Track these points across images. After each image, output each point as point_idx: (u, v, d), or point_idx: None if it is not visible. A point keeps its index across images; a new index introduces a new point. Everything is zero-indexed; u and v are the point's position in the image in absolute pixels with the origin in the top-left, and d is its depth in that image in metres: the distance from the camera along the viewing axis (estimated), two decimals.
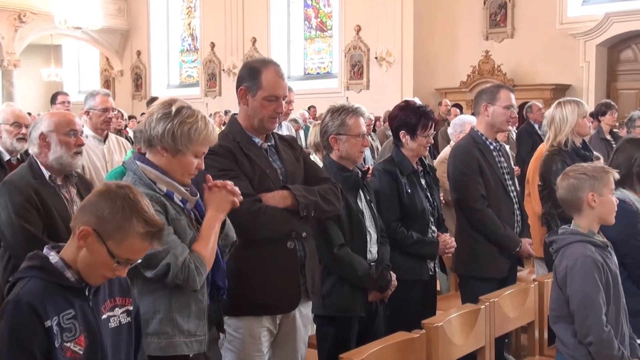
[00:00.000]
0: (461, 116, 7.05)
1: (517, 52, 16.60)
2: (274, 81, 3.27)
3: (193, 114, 2.77)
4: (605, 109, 8.57)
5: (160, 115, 2.76)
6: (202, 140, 2.77)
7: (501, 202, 4.57)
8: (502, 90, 4.64)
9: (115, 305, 2.41)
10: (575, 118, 4.92)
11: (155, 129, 2.76)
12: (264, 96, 3.26)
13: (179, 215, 2.76)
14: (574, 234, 3.30)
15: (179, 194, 2.79)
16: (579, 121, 4.93)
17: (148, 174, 2.77)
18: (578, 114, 4.94)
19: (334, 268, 3.78)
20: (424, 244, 4.26)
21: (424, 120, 4.27)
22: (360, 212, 3.87)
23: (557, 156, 4.87)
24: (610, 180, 3.31)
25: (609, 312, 3.20)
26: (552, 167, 4.84)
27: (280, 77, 3.30)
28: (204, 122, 2.77)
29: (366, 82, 19.32)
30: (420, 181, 4.39)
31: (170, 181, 2.77)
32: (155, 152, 2.79)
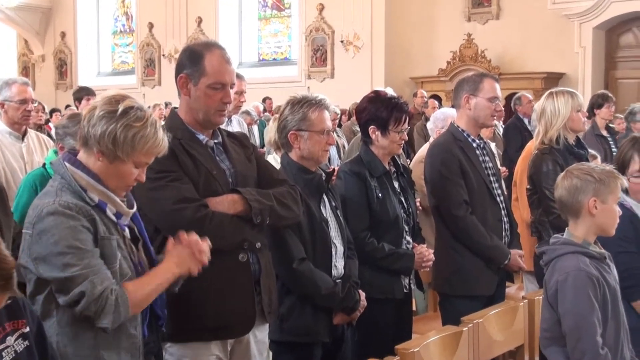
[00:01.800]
0: (443, 109, 7.09)
1: (504, 35, 16.77)
2: (219, 66, 3.26)
3: (142, 117, 2.72)
4: (602, 101, 8.69)
5: (104, 112, 2.71)
6: (147, 149, 2.73)
7: (487, 208, 4.61)
8: (487, 79, 4.69)
9: (6, 334, 2.36)
10: (568, 111, 4.98)
11: (94, 127, 2.71)
12: (208, 84, 3.25)
13: (109, 233, 2.71)
14: (566, 244, 3.34)
15: (113, 206, 2.76)
16: (572, 115, 4.98)
17: (78, 179, 2.72)
18: (572, 106, 4.99)
19: (294, 286, 3.77)
20: (397, 257, 4.28)
21: (397, 114, 4.29)
22: (324, 220, 3.87)
23: (548, 155, 4.92)
24: (617, 187, 3.36)
25: (606, 333, 3.24)
26: (542, 167, 4.89)
27: (226, 61, 3.29)
28: (153, 128, 2.73)
29: (330, 70, 19.36)
30: (393, 184, 4.40)
31: (104, 190, 2.73)
32: (90, 154, 2.75)
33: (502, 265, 4.62)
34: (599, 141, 8.32)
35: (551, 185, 4.77)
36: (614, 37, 16.37)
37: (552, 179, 4.78)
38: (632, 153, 4.08)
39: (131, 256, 2.79)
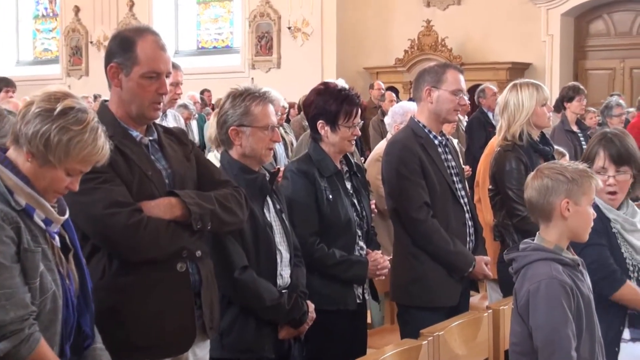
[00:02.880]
0: (402, 103, 7.12)
1: (466, 22, 16.92)
2: (153, 53, 3.23)
3: (82, 120, 2.67)
4: (573, 94, 8.80)
5: (40, 110, 2.65)
6: (82, 157, 2.68)
7: (449, 210, 4.63)
8: (450, 70, 4.71)
9: None
10: (532, 105, 5.02)
11: (27, 125, 2.65)
12: (142, 73, 3.22)
13: (35, 244, 2.65)
14: (537, 250, 3.36)
15: (42, 212, 2.70)
16: (537, 109, 5.02)
17: (5, 179, 2.65)
18: (536, 100, 5.03)
19: (235, 297, 3.76)
20: (349, 265, 4.28)
21: (347, 107, 4.30)
22: (268, 225, 3.86)
23: (511, 152, 4.96)
24: (591, 187, 3.37)
25: (581, 347, 3.26)
26: (505, 166, 4.93)
27: (160, 48, 3.27)
28: (93, 134, 2.68)
29: (277, 59, 19.34)
30: (345, 185, 4.41)
31: (32, 194, 2.67)
32: (20, 153, 2.69)
33: (466, 273, 4.64)
34: (568, 137, 8.42)
35: (514, 185, 4.82)
36: (583, 25, 16.63)
37: (516, 179, 4.83)
38: (597, 149, 4.13)
39: (59, 268, 2.73)
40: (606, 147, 4.09)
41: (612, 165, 4.06)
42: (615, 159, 4.06)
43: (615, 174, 4.05)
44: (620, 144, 4.09)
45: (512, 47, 16.30)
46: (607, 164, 4.07)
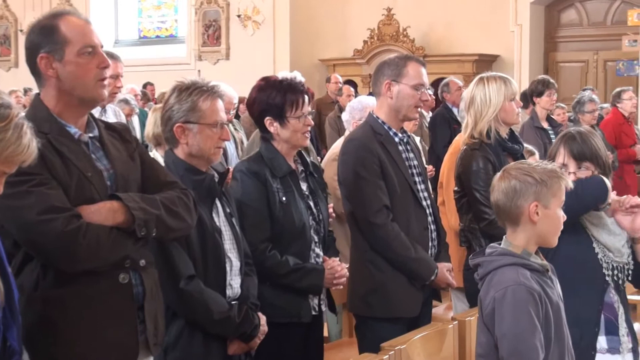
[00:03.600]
0: (361, 97, 7.13)
1: (429, 11, 16.98)
2: (80, 28, 3.23)
3: (5, 117, 2.60)
4: (543, 88, 8.88)
5: None
6: (4, 157, 2.61)
7: (411, 214, 4.66)
8: (411, 63, 4.73)
9: None
10: (500, 100, 5.04)
11: None
12: (77, 50, 3.20)
13: None
14: (504, 255, 3.38)
15: None
16: (505, 105, 5.05)
17: None
18: (504, 94, 5.06)
19: (181, 309, 3.75)
20: (304, 273, 4.29)
21: (291, 96, 4.32)
22: (217, 230, 3.86)
23: (478, 151, 4.99)
24: (561, 189, 3.40)
25: (549, 357, 3.29)
26: (472, 166, 4.96)
27: (85, 21, 3.28)
28: (17, 132, 2.63)
29: (225, 50, 19.28)
30: (299, 186, 4.42)
31: None
32: None
33: (428, 282, 4.67)
34: (538, 135, 8.48)
35: (481, 187, 4.85)
36: (554, 14, 16.80)
37: (483, 179, 4.86)
38: (558, 146, 4.19)
39: None
40: (567, 143, 4.15)
41: (573, 162, 4.12)
42: (575, 155, 4.12)
43: (576, 170, 4.10)
44: (582, 141, 4.15)
45: (479, 37, 16.40)
46: (567, 160, 4.13)
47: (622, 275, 4.02)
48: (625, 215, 4.04)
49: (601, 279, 3.99)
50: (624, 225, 4.03)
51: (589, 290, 3.95)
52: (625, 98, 10.68)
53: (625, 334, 4.02)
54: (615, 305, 4.03)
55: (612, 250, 4.00)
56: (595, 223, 4.03)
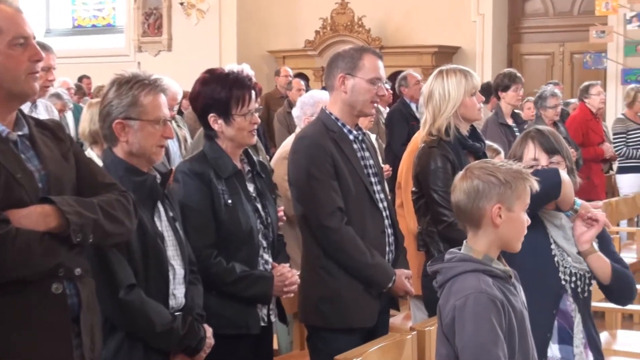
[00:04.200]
0: (312, 92, 7.11)
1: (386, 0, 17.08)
2: (11, 17, 3.20)
3: None
4: (508, 82, 8.94)
5: None
6: None
7: (366, 216, 4.67)
8: (367, 55, 4.74)
9: None
10: (460, 95, 5.06)
11: None
12: (8, 41, 3.16)
13: None
14: (464, 261, 3.39)
15: None
16: (465, 100, 5.07)
17: None
18: (465, 89, 5.08)
19: (120, 321, 3.73)
20: (252, 281, 4.29)
21: (237, 91, 4.31)
22: (159, 235, 3.85)
23: (436, 149, 5.01)
24: (526, 191, 3.42)
25: None
26: (430, 165, 4.98)
27: (16, 9, 3.25)
28: None
29: (167, 41, 19.19)
30: (246, 187, 4.41)
31: None
32: None
33: (385, 289, 4.68)
34: (502, 131, 8.54)
35: (440, 187, 4.88)
36: (518, 3, 16.91)
37: (442, 179, 4.89)
38: (525, 143, 4.22)
39: None
40: (535, 138, 4.18)
41: (545, 155, 4.15)
42: (547, 149, 4.15)
43: (548, 163, 4.14)
44: (550, 134, 4.20)
45: (438, 28, 16.48)
46: (538, 154, 4.15)
47: (581, 284, 4.04)
48: (582, 224, 4.08)
49: (557, 283, 4.01)
50: (575, 235, 4.07)
51: (542, 292, 3.96)
52: (593, 93, 10.75)
53: (581, 345, 4.01)
54: (571, 313, 4.04)
55: (570, 255, 4.03)
56: (557, 224, 4.06)
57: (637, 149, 11.06)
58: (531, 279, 3.86)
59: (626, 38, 14.53)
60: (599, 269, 4.05)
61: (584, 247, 4.02)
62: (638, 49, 14.39)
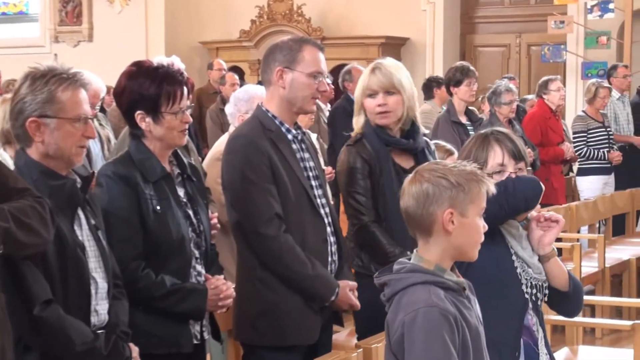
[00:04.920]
0: (247, 87, 7.09)
1: None
2: None
3: None
4: (461, 76, 8.99)
5: None
6: None
7: (306, 223, 4.68)
8: (307, 47, 4.75)
9: None
10: (359, 95, 5.20)
11: None
12: None
13: None
14: (414, 272, 3.38)
15: None
16: (363, 101, 5.17)
17: None
18: (362, 89, 5.18)
19: (35, 340, 3.70)
20: (184, 295, 4.28)
21: (168, 86, 4.30)
22: (80, 245, 3.83)
23: (352, 148, 5.08)
24: (481, 194, 3.41)
25: None
26: (344, 165, 5.07)
27: None
28: None
29: (88, 30, 19.03)
30: (176, 192, 4.39)
31: None
32: None
33: (327, 303, 4.70)
34: (455, 130, 8.57)
35: (354, 189, 4.96)
36: None
37: (356, 181, 4.96)
38: (489, 145, 4.23)
39: None
40: (502, 142, 4.21)
41: (512, 161, 4.18)
42: (515, 154, 4.18)
43: (516, 170, 4.17)
44: (513, 139, 4.24)
45: (385, 17, 16.53)
46: (506, 160, 4.18)
47: (540, 295, 4.09)
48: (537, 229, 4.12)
49: (520, 297, 4.04)
50: (533, 240, 4.10)
51: (507, 308, 3.99)
52: (552, 89, 10.80)
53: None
54: (533, 328, 4.08)
55: (531, 266, 4.06)
56: (514, 234, 4.10)
57: (598, 149, 11.19)
58: (494, 294, 3.90)
59: (587, 29, 14.70)
60: (559, 275, 4.10)
61: (546, 250, 4.07)
62: (599, 40, 14.55)
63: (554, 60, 15.07)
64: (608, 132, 11.43)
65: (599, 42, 14.55)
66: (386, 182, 5.01)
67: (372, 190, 5.02)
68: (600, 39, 14.54)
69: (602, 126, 11.42)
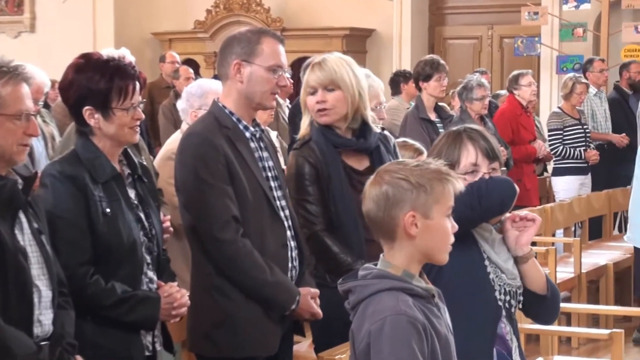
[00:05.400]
0: (202, 81, 7.09)
1: None
2: None
3: None
4: (431, 70, 8.99)
5: None
6: None
7: (265, 228, 4.68)
8: (266, 39, 4.74)
9: None
10: (302, 93, 5.17)
11: None
12: None
13: None
14: (381, 278, 3.38)
15: None
16: (304, 99, 5.15)
17: None
18: (304, 87, 5.16)
19: None
20: (135, 303, 4.25)
21: (120, 81, 4.28)
22: (21, 251, 3.79)
23: (298, 152, 5.03)
24: (447, 193, 3.40)
25: None
26: (291, 169, 5.02)
27: None
28: None
29: (30, 20, 18.93)
30: (126, 193, 4.37)
31: None
32: None
33: (288, 312, 4.69)
34: (424, 128, 8.57)
35: (301, 195, 4.90)
36: None
37: (303, 186, 4.91)
38: (460, 146, 4.24)
39: None
40: (474, 139, 4.21)
41: (486, 161, 4.19)
42: (489, 153, 4.19)
43: (490, 170, 4.18)
44: (486, 137, 4.24)
45: (350, 7, 16.56)
46: (480, 160, 4.18)
47: (514, 302, 4.10)
48: (513, 229, 4.13)
49: (494, 304, 4.04)
50: (509, 240, 4.12)
51: (479, 317, 3.99)
52: (523, 83, 10.81)
53: None
54: (507, 337, 4.08)
55: (505, 271, 4.07)
56: (487, 237, 4.10)
57: (574, 147, 11.22)
58: (466, 302, 3.91)
59: (562, 20, 14.78)
60: (536, 278, 4.12)
61: (524, 250, 4.08)
62: (575, 32, 14.62)
63: (527, 53, 15.15)
64: (585, 130, 11.46)
65: (574, 34, 14.62)
66: (336, 187, 4.95)
67: (322, 196, 4.98)
68: (576, 31, 14.61)
69: (579, 123, 11.45)
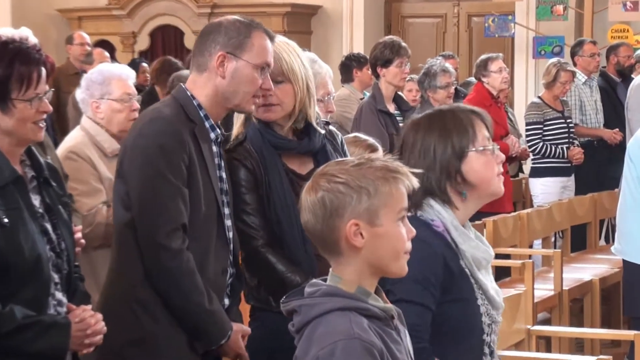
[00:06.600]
0: (102, 66, 6.99)
1: None
2: None
3: None
4: (390, 54, 8.98)
5: None
6: None
7: (210, 247, 4.69)
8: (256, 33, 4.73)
9: None
10: None
11: None
12: None
13: None
14: (330, 296, 3.36)
15: None
16: None
17: None
18: None
19: None
20: (41, 330, 4.22)
21: (22, 67, 4.25)
22: None
23: (233, 155, 4.94)
24: (396, 194, 3.38)
25: None
26: (232, 178, 4.95)
27: None
28: None
29: None
30: (30, 201, 4.34)
31: None
32: None
33: (214, 346, 4.71)
34: (382, 121, 8.55)
35: (241, 208, 4.86)
36: None
37: (244, 198, 4.88)
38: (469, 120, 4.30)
39: None
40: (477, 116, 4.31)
41: None
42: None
43: None
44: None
45: None
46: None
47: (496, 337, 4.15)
48: None
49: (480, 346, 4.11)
50: None
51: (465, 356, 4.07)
52: (492, 70, 10.73)
53: None
54: None
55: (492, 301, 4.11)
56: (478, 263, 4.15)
57: (556, 144, 11.18)
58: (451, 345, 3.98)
59: None
60: None
61: None
62: (554, 10, 14.65)
63: (499, 34, 15.21)
64: (568, 124, 11.46)
65: (553, 12, 14.62)
66: (277, 195, 4.90)
67: (261, 205, 4.95)
68: (556, 9, 14.61)
69: (562, 116, 11.44)
